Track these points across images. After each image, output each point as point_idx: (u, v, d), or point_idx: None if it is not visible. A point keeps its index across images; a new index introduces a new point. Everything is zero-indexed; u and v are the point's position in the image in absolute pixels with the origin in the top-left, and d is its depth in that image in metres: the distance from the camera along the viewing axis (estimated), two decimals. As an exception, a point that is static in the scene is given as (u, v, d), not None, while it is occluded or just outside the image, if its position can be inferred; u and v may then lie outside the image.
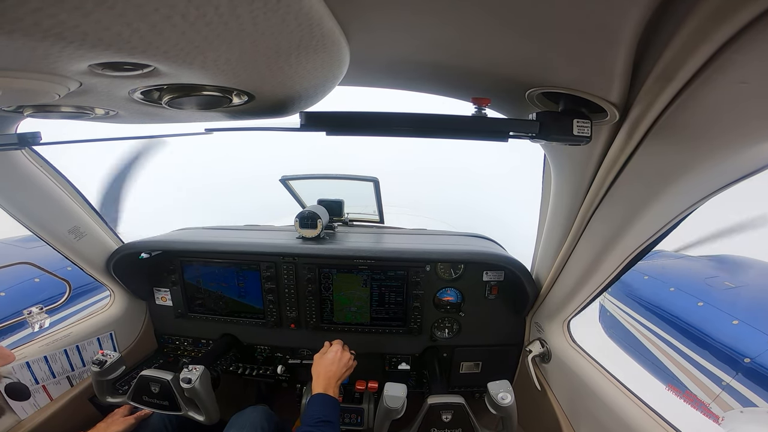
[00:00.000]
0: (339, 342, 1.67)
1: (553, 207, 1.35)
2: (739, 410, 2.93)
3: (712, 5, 0.52)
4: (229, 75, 0.63)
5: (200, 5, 0.40)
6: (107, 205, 4.64)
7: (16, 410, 1.43)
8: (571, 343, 1.57)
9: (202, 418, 1.49)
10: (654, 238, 0.99)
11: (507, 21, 0.63)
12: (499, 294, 1.84)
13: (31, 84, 0.55)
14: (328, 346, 1.65)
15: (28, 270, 1.72)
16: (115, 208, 4.71)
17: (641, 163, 0.88)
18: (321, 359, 1.56)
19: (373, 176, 1.95)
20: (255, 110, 0.92)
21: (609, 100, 0.76)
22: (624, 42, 0.61)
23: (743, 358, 2.99)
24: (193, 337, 2.06)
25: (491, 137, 0.81)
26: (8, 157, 1.28)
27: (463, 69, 0.88)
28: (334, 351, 1.58)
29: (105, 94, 0.70)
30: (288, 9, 0.47)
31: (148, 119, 1.02)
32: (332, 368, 1.51)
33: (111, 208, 4.58)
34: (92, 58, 0.48)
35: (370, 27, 0.69)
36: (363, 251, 1.72)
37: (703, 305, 3.53)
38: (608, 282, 1.23)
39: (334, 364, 1.53)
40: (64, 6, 0.34)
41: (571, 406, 1.52)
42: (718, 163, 0.72)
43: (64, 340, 1.62)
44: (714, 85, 0.62)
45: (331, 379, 1.48)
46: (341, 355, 1.58)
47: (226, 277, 1.90)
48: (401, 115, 0.77)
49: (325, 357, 1.56)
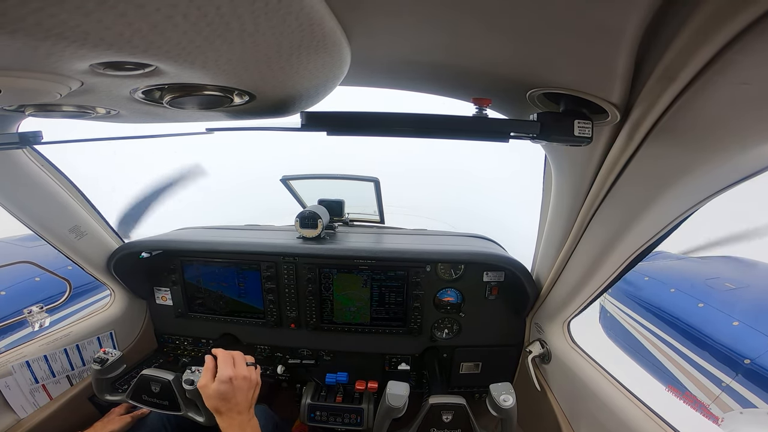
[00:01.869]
0: (226, 357, 1.20)
1: (553, 208, 1.35)
2: (738, 411, 2.93)
3: (713, 6, 0.52)
4: (230, 75, 0.63)
5: (202, 5, 0.40)
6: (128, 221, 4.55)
7: (16, 410, 1.43)
8: (571, 344, 1.57)
9: (202, 420, 1.48)
10: (655, 239, 0.99)
11: (508, 22, 0.63)
12: (500, 294, 1.84)
13: (33, 83, 0.55)
14: (211, 363, 1.18)
15: (28, 269, 1.72)
16: (136, 223, 4.64)
17: (642, 164, 0.88)
18: (215, 391, 1.12)
19: (373, 176, 1.95)
20: (256, 110, 0.92)
21: (610, 100, 0.76)
22: (625, 43, 0.61)
23: (743, 359, 2.99)
24: (193, 337, 2.06)
25: (492, 138, 0.81)
26: (9, 156, 1.28)
27: (463, 69, 0.88)
28: (227, 376, 1.13)
29: (106, 93, 0.70)
30: (289, 9, 0.47)
31: (149, 119, 1.02)
32: (237, 399, 1.13)
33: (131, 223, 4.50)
34: (94, 58, 0.48)
35: (371, 27, 0.69)
36: (363, 251, 1.72)
37: (704, 306, 3.53)
38: (609, 283, 1.23)
39: (239, 394, 1.13)
40: (66, 6, 0.34)
41: (571, 407, 1.52)
42: (719, 164, 0.72)
43: (64, 340, 1.62)
44: (715, 87, 0.62)
45: (242, 413, 1.14)
46: (237, 373, 1.15)
47: (227, 276, 1.90)
48: (402, 116, 0.77)
49: (218, 388, 1.12)
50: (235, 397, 1.13)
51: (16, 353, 1.46)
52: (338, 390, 1.80)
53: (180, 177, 5.00)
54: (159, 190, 4.83)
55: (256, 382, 1.22)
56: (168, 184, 4.92)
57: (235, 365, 1.18)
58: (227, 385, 1.12)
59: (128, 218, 4.42)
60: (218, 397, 1.11)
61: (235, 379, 1.14)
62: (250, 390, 1.18)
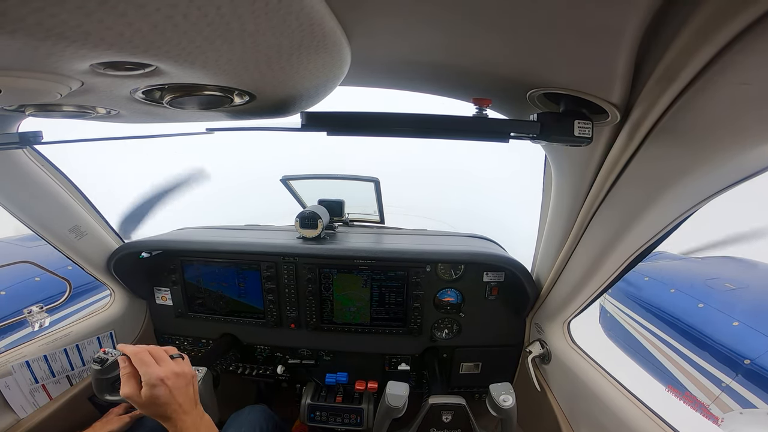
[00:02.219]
0: (142, 355, 1.00)
1: (553, 208, 1.35)
2: (738, 411, 2.93)
3: (713, 7, 0.52)
4: (230, 75, 0.63)
5: (202, 5, 0.40)
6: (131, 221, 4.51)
7: (16, 410, 1.43)
8: (571, 344, 1.57)
9: (201, 418, 1.48)
10: (655, 239, 0.99)
11: (508, 22, 0.63)
12: (500, 295, 1.84)
13: (33, 83, 0.55)
14: (129, 368, 0.99)
15: (28, 269, 1.72)
16: (137, 225, 4.61)
17: (642, 164, 0.88)
18: (149, 398, 0.95)
19: (373, 176, 1.95)
20: (256, 110, 0.92)
21: (610, 101, 0.76)
22: (625, 43, 0.61)
23: (743, 359, 2.99)
24: (193, 337, 2.06)
25: (492, 138, 0.81)
26: (9, 156, 1.28)
27: (463, 70, 0.88)
28: (157, 377, 0.96)
29: (106, 93, 0.70)
30: (289, 9, 0.47)
31: (149, 119, 1.02)
32: (178, 399, 0.98)
33: (133, 225, 4.48)
34: (94, 58, 0.48)
35: (371, 27, 0.69)
36: (363, 251, 1.72)
37: (704, 306, 3.53)
38: (609, 283, 1.23)
39: (178, 394, 0.98)
40: (66, 6, 0.34)
41: (571, 407, 1.52)
42: (719, 165, 0.72)
43: (64, 340, 1.62)
44: (715, 87, 0.62)
45: (190, 412, 1.00)
46: (167, 372, 0.98)
47: (227, 276, 1.90)
48: (402, 116, 0.77)
49: (151, 394, 0.95)
50: (176, 399, 0.98)
51: (16, 353, 1.46)
52: (338, 390, 1.81)
53: (183, 180, 4.99)
54: (162, 193, 4.82)
55: (192, 375, 1.06)
56: (171, 187, 4.90)
57: (159, 362, 1.01)
58: (161, 388, 0.96)
59: (130, 220, 4.41)
60: (155, 403, 0.96)
61: (167, 378, 0.98)
62: (189, 385, 1.03)
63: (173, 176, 4.91)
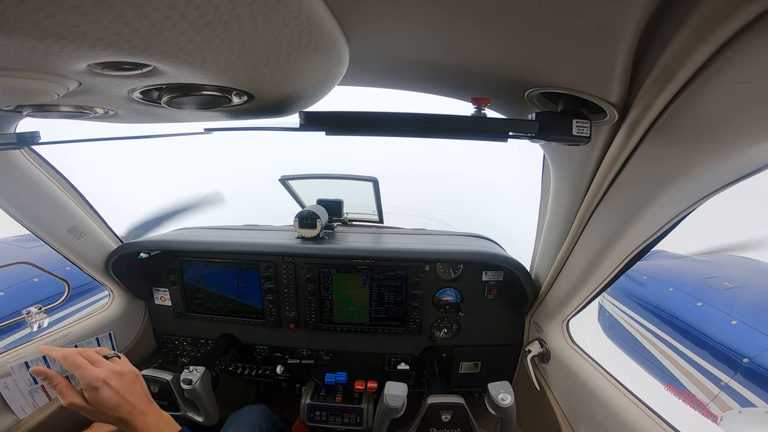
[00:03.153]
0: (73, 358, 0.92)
1: (552, 207, 1.35)
2: (737, 410, 2.94)
3: (711, 6, 0.52)
4: (228, 75, 0.63)
5: (200, 5, 0.40)
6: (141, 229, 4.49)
7: (15, 410, 1.43)
8: (570, 343, 1.58)
9: (201, 419, 1.48)
10: (654, 238, 0.99)
11: (506, 22, 0.63)
12: (499, 294, 1.84)
13: (31, 84, 0.54)
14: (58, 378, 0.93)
15: (26, 270, 1.72)
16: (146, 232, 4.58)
17: (640, 163, 0.88)
18: (100, 401, 0.90)
19: (372, 176, 1.95)
20: (254, 110, 0.92)
21: (608, 100, 0.76)
22: (623, 42, 0.61)
23: (742, 358, 3.00)
24: (192, 337, 2.06)
25: (491, 137, 0.81)
26: (7, 156, 1.28)
27: (462, 69, 0.88)
28: (97, 378, 0.90)
29: (104, 93, 0.70)
30: (287, 9, 0.47)
31: (147, 119, 1.01)
32: (130, 399, 0.93)
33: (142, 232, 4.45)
34: (91, 58, 0.48)
35: (370, 27, 0.69)
36: (362, 251, 1.72)
37: (702, 305, 3.54)
38: (607, 282, 1.23)
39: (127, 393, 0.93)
40: (64, 6, 0.34)
41: (570, 406, 1.52)
42: (717, 163, 0.72)
43: (62, 340, 1.61)
44: (713, 86, 0.62)
45: (147, 412, 0.96)
46: (106, 372, 0.92)
47: (226, 277, 1.90)
48: (401, 115, 0.77)
49: (101, 397, 0.90)
50: (126, 399, 0.92)
51: (15, 354, 1.45)
52: (338, 390, 1.81)
53: (198, 203, 4.99)
54: (175, 212, 4.82)
55: (135, 372, 1.00)
56: (185, 207, 4.90)
57: (94, 364, 0.93)
58: (105, 389, 0.89)
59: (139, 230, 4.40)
60: (105, 407, 0.90)
61: (109, 378, 0.91)
62: (135, 383, 0.98)
63: (188, 198, 4.91)
